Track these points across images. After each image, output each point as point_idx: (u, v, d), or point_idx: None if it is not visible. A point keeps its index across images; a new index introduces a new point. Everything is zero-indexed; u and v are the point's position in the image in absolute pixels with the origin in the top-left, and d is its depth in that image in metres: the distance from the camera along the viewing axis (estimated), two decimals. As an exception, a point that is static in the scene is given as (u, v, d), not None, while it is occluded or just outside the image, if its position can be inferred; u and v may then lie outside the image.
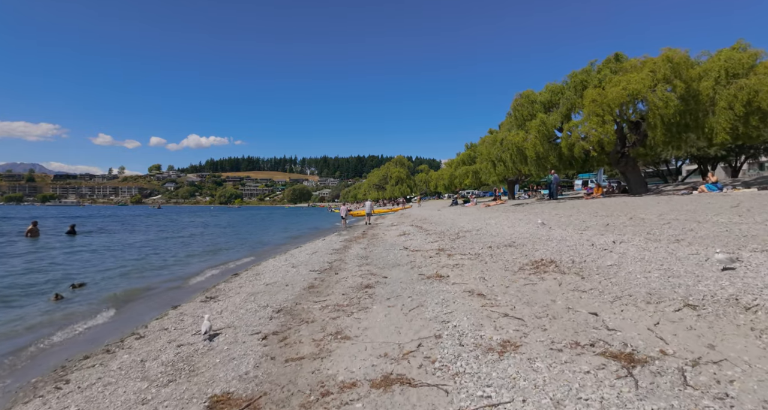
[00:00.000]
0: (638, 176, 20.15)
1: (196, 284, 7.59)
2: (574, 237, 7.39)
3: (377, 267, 7.18)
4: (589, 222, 9.48)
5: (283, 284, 6.11)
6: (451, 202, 40.45)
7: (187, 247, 15.09)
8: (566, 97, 19.16)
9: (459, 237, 10.27)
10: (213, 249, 14.40)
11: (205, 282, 7.68)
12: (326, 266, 7.76)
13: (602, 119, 16.27)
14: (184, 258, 11.96)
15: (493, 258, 6.58)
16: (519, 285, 4.57)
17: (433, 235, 11.74)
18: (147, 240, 17.70)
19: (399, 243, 10.88)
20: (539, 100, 19.98)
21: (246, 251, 13.72)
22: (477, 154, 36.80)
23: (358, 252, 9.66)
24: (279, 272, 7.40)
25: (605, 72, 18.04)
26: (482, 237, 9.54)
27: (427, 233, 12.75)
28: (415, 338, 3.23)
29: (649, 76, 15.04)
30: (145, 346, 3.64)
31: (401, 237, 12.53)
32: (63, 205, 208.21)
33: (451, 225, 14.17)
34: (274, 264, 8.73)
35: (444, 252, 8.05)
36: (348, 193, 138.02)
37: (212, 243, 16.72)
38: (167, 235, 20.69)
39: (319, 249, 11.00)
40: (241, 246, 15.28)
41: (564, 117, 19.18)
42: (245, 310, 4.61)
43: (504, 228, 10.49)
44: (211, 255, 12.73)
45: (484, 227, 11.66)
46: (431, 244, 9.62)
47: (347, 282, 5.87)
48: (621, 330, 2.87)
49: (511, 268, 5.56)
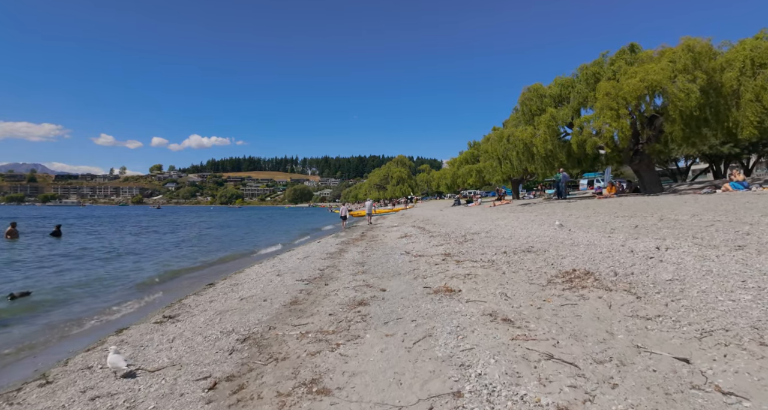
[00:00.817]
0: (653, 175, 19.09)
1: (161, 297, 6.57)
2: (603, 241, 6.36)
3: (375, 276, 6.17)
4: (613, 224, 8.45)
5: (261, 298, 5.10)
6: (453, 202, 39.44)
7: (170, 251, 14.11)
8: (577, 90, 18.11)
9: (467, 240, 9.24)
10: (198, 253, 13.41)
11: (173, 293, 6.67)
12: (316, 274, 6.74)
13: (617, 113, 15.22)
14: (164, 262, 10.99)
15: (512, 266, 5.56)
16: (554, 306, 3.55)
17: (438, 238, 10.72)
18: (133, 242, 16.72)
19: (400, 247, 9.87)
20: (548, 93, 18.94)
21: (238, 254, 12.72)
22: (481, 152, 35.78)
23: (354, 258, 8.65)
24: (261, 282, 6.39)
25: (619, 64, 16.99)
26: (493, 240, 8.51)
27: (430, 235, 11.74)
28: (424, 396, 2.21)
29: (668, 67, 13.99)
30: (44, 401, 2.63)
31: (402, 240, 11.51)
32: (63, 205, 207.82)
33: (457, 227, 13.15)
34: (258, 271, 7.72)
35: (451, 258, 7.03)
36: (349, 193, 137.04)
37: (200, 245, 15.72)
38: (156, 236, 19.70)
39: (312, 253, 9.99)
40: (229, 249, 14.26)
41: (575, 112, 18.14)
42: (203, 338, 3.60)
43: (517, 231, 9.46)
44: (193, 259, 11.73)
45: (494, 229, 10.63)
46: (436, 248, 8.60)
47: (337, 297, 4.86)
48: (746, 397, 1.85)
49: (538, 281, 4.54)
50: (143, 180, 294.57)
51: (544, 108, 18.79)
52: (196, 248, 15.13)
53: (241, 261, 11.08)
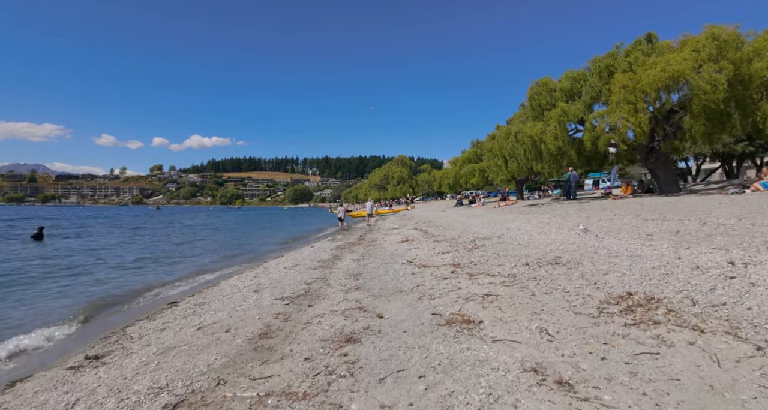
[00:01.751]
0: (670, 174, 17.96)
1: (106, 321, 5.45)
2: (648, 251, 5.25)
3: (370, 294, 5.07)
4: (645, 228, 7.34)
5: (225, 328, 3.99)
6: (455, 203, 38.34)
7: (149, 258, 13.02)
8: (590, 84, 16.98)
9: (477, 246, 8.13)
10: (178, 258, 12.31)
11: (124, 314, 5.53)
12: (301, 290, 5.63)
13: (634, 107, 14.11)
14: (135, 267, 9.94)
15: (541, 284, 4.45)
16: (626, 355, 2.45)
17: (443, 243, 9.61)
18: (113, 245, 15.63)
19: (401, 253, 8.76)
20: (558, 87, 17.81)
21: (216, 261, 11.59)
22: (484, 151, 34.70)
23: (348, 267, 7.54)
24: (233, 300, 5.28)
25: (635, 55, 15.87)
26: (509, 247, 7.40)
27: (435, 239, 10.62)
28: None
29: (692, 57, 12.87)
30: None
31: (404, 245, 10.40)
32: (63, 205, 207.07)
33: (463, 230, 12.03)
34: (234, 284, 6.62)
35: (462, 270, 5.92)
36: (349, 193, 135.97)
37: (183, 250, 14.60)
38: (142, 239, 18.60)
39: (302, 261, 8.89)
40: (215, 254, 13.15)
41: (587, 107, 17.01)
42: (117, 401, 2.50)
43: (534, 236, 8.35)
44: (170, 265, 10.62)
45: (506, 233, 9.51)
46: (442, 256, 7.49)
47: (321, 327, 3.75)
48: None
49: (584, 309, 3.43)
50: (143, 180, 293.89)
51: (554, 103, 17.67)
52: (177, 254, 14.08)
53: (221, 270, 9.97)
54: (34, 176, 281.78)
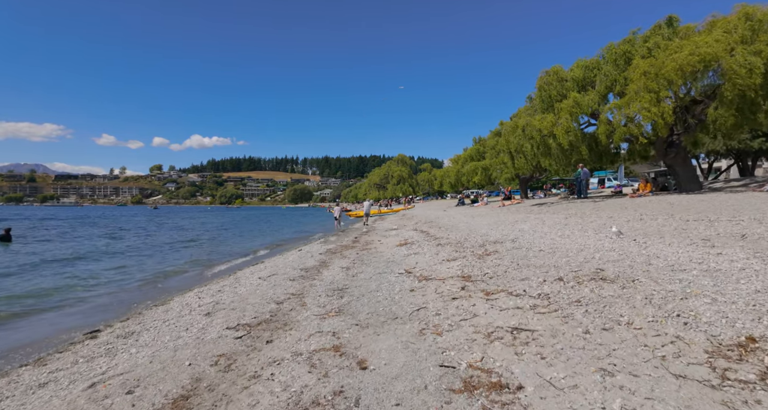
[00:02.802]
0: (690, 170, 16.64)
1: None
2: (725, 263, 3.95)
3: (354, 321, 3.77)
4: (696, 231, 6.03)
5: (130, 385, 2.69)
6: (457, 202, 37.05)
7: (114, 259, 11.67)
8: (604, 73, 15.66)
9: (488, 252, 6.82)
10: (147, 263, 10.94)
11: (12, 356, 4.16)
12: (266, 313, 4.33)
13: (656, 96, 12.80)
14: (85, 277, 8.64)
15: (590, 312, 3.15)
16: None
17: (448, 247, 8.30)
18: (86, 250, 14.32)
19: (398, 260, 7.46)
20: (570, 77, 16.49)
21: (190, 269, 10.20)
22: (487, 148, 33.41)
23: (334, 278, 6.25)
24: (171, 330, 3.97)
25: (655, 40, 14.53)
26: (529, 254, 6.09)
27: (437, 243, 9.31)
28: None
29: (724, 38, 11.55)
30: None
31: (402, 249, 9.10)
32: (61, 205, 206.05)
33: (469, 232, 10.73)
34: (188, 302, 5.30)
35: (475, 285, 4.63)
36: (349, 192, 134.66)
37: (156, 254, 13.14)
38: (115, 243, 17.24)
39: (282, 269, 7.58)
40: (188, 260, 11.71)
41: (601, 97, 15.71)
42: None
43: (556, 240, 7.04)
44: (130, 274, 9.24)
45: (521, 236, 8.20)
46: (448, 266, 6.19)
47: (269, 392, 2.45)
48: None
49: (686, 368, 2.13)
50: (143, 180, 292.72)
51: (565, 93, 16.36)
52: (147, 255, 12.77)
53: (187, 279, 8.60)
54: (34, 176, 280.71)
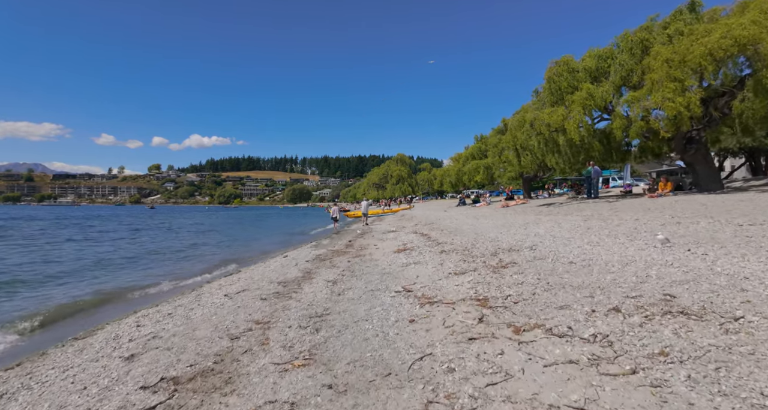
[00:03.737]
0: (711, 168, 15.43)
1: None
2: None
3: (329, 379, 2.58)
4: (766, 241, 4.84)
5: None
6: (458, 202, 35.87)
7: (61, 270, 10.37)
8: (619, 62, 14.46)
9: (504, 264, 5.61)
10: (101, 278, 9.61)
11: None
12: (208, 360, 3.12)
13: (681, 86, 11.63)
14: (7, 291, 7.41)
15: (697, 380, 1.97)
16: None
17: (453, 255, 7.10)
18: (40, 256, 13.05)
19: (396, 272, 6.26)
20: (582, 67, 15.28)
21: (141, 285, 8.82)
22: (489, 146, 32.21)
23: (315, 297, 5.04)
24: (53, 395, 2.77)
25: (676, 26, 13.33)
26: (557, 267, 4.89)
27: (441, 249, 8.10)
28: None
29: (762, 19, 10.35)
30: None
31: (400, 257, 7.89)
32: (58, 205, 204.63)
33: (476, 236, 9.51)
34: (119, 334, 4.09)
35: (496, 315, 3.44)
36: (348, 192, 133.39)
37: (119, 263, 11.75)
38: (86, 247, 15.94)
39: (256, 283, 6.37)
40: (154, 271, 10.35)
41: (616, 89, 14.50)
42: None
43: (585, 248, 5.83)
44: (58, 286, 7.99)
45: (539, 243, 6.99)
46: (456, 282, 4.99)
47: None
48: None
49: None
50: (141, 179, 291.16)
51: (576, 85, 15.16)
52: (119, 264, 11.53)
53: (139, 296, 7.36)
54: (31, 175, 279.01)
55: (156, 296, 6.94)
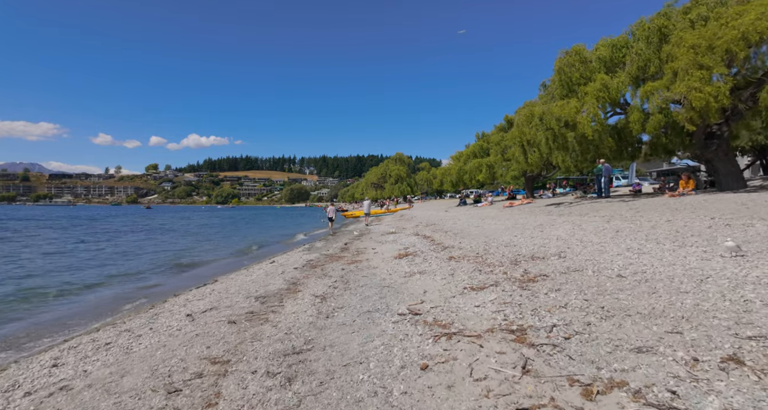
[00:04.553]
0: (733, 166, 14.41)
1: None
2: None
3: None
4: None
5: None
6: (459, 202, 34.85)
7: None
8: (635, 51, 13.43)
9: (532, 276, 4.56)
10: (63, 284, 8.52)
11: None
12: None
13: (709, 73, 10.62)
14: None
15: None
16: None
17: (465, 262, 6.05)
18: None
19: (398, 285, 5.20)
20: (595, 57, 14.24)
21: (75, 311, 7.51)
22: (491, 144, 31.17)
23: (297, 319, 3.98)
24: None
25: (699, 11, 12.32)
26: (604, 283, 3.83)
27: (448, 254, 7.05)
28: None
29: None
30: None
31: (402, 264, 6.83)
32: (53, 204, 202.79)
33: (486, 239, 8.46)
34: (5, 387, 3.03)
35: (543, 359, 2.39)
36: (346, 192, 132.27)
37: (70, 274, 10.09)
38: (49, 251, 14.78)
39: (230, 298, 5.29)
40: (107, 286, 9.08)
41: (632, 79, 13.47)
42: None
43: (629, 257, 4.78)
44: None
45: (566, 249, 5.94)
46: (476, 300, 3.94)
47: None
48: None
49: None
50: (138, 179, 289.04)
51: (589, 76, 14.14)
52: (93, 264, 10.40)
53: (84, 316, 6.12)
54: (27, 175, 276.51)
55: (105, 312, 5.82)
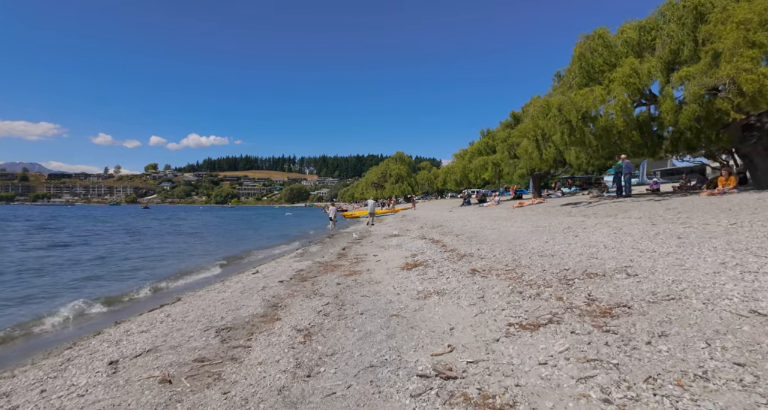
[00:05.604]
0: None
1: None
2: None
3: None
4: None
5: None
6: (462, 202, 33.47)
7: None
8: (667, 33, 12.03)
9: (606, 308, 3.17)
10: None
11: None
12: None
13: (761, 53, 9.24)
14: None
15: None
16: None
17: (494, 278, 4.66)
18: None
19: (409, 313, 3.81)
20: (622, 40, 12.79)
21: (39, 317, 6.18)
22: (497, 141, 29.77)
23: (263, 380, 2.60)
24: None
25: (743, -15, 10.92)
26: (731, 323, 2.44)
27: (470, 267, 5.64)
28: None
29: None
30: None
31: (411, 278, 5.45)
32: (51, 204, 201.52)
33: (509, 245, 7.05)
34: None
35: None
36: (346, 192, 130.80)
37: (29, 282, 8.94)
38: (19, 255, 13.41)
39: (175, 335, 3.86)
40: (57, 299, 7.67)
41: (665, 65, 12.07)
42: None
43: (733, 275, 3.39)
44: None
45: (631, 263, 4.53)
46: (538, 353, 2.55)
47: None
48: None
49: None
50: (138, 179, 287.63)
51: (614, 62, 12.72)
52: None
53: None
54: (26, 175, 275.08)
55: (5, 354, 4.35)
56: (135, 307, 6.10)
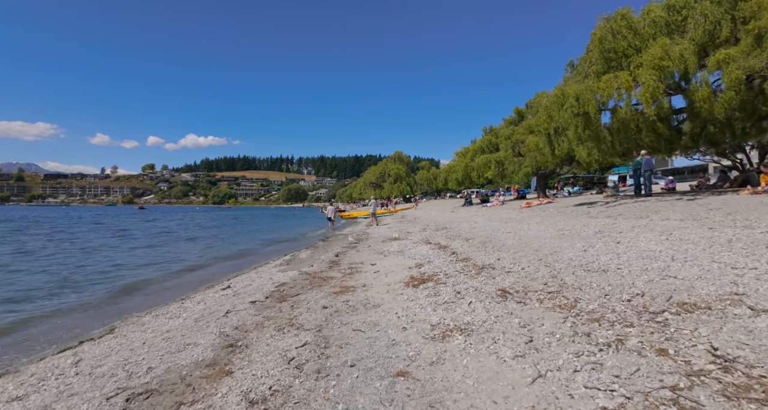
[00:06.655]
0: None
1: None
2: None
3: None
4: None
5: None
6: (464, 202, 32.17)
7: None
8: (700, 12, 10.74)
9: (758, 379, 1.86)
10: None
11: None
12: None
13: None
14: None
15: None
16: None
17: (537, 306, 3.34)
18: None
19: (422, 372, 2.49)
20: (650, 20, 11.45)
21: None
22: (501, 139, 28.46)
23: None
24: None
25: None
26: None
27: (496, 285, 4.32)
28: None
29: None
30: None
31: (421, 299, 4.12)
32: (46, 205, 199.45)
33: (539, 254, 5.72)
34: None
35: None
36: (344, 192, 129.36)
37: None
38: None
39: (75, 397, 2.55)
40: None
41: (699, 47, 10.77)
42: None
43: None
44: None
45: (727, 284, 3.23)
46: None
47: None
48: None
49: None
50: (135, 179, 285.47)
51: (639, 45, 11.39)
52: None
53: None
54: (22, 175, 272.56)
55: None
56: (36, 343, 4.57)
